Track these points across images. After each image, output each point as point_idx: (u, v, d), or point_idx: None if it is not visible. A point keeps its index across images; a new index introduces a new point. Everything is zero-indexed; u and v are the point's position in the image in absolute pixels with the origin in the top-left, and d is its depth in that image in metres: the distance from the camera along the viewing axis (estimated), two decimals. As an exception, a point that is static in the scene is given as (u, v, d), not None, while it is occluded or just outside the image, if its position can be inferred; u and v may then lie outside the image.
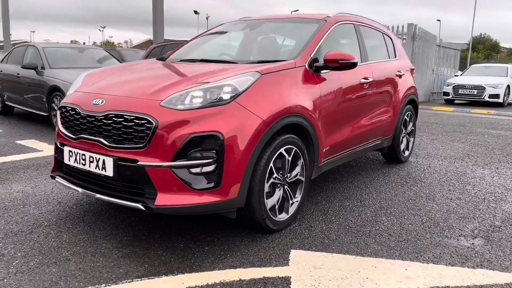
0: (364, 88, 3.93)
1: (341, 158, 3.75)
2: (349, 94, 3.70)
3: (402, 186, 4.14)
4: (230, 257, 2.59)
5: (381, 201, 3.67)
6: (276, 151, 2.82)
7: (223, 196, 2.55)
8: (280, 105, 2.82)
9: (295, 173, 3.08)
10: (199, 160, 2.49)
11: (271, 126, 2.72)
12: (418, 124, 8.73)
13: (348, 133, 3.74)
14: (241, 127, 2.57)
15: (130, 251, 2.62)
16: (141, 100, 2.64)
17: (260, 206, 2.75)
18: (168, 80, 2.82)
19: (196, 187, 2.51)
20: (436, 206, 3.60)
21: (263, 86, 2.81)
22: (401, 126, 4.85)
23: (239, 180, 2.58)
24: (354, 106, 3.80)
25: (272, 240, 2.84)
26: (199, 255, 2.60)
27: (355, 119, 3.86)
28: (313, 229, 3.04)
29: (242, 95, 2.66)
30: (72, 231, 2.89)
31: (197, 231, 2.95)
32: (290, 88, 3.01)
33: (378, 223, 3.18)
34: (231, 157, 2.53)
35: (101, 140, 2.66)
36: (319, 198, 3.70)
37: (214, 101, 2.58)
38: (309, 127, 3.10)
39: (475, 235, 3.00)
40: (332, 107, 3.44)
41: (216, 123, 2.52)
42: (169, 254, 2.59)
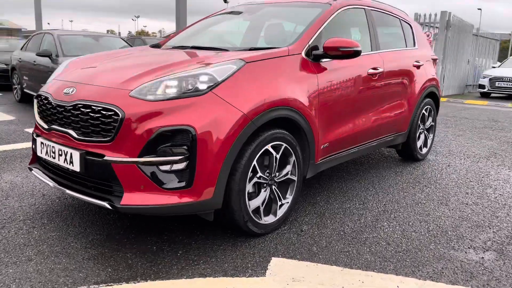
0: (373, 79, 3.58)
1: (343, 156, 3.44)
2: (354, 86, 3.37)
3: (413, 187, 3.78)
4: (203, 263, 2.35)
5: (387, 204, 3.35)
6: (260, 148, 2.55)
7: (196, 197, 2.31)
8: (265, 97, 2.54)
9: (285, 172, 2.80)
10: (168, 157, 2.26)
11: (254, 120, 2.45)
12: (445, 119, 8.21)
13: (352, 129, 3.41)
14: (218, 121, 2.32)
15: (98, 253, 2.43)
16: (111, 89, 2.42)
17: (240, 208, 2.50)
18: (145, 68, 2.59)
19: (166, 186, 2.28)
20: (448, 211, 3.24)
21: (248, 76, 2.54)
22: (417, 121, 4.46)
23: (214, 179, 2.33)
24: (360, 99, 3.46)
25: (255, 245, 2.59)
26: (170, 259, 2.38)
27: (362, 114, 3.52)
28: (303, 233, 2.76)
29: (221, 85, 2.40)
30: (45, 228, 2.74)
31: (177, 231, 2.73)
32: (280, 78, 2.72)
33: (377, 229, 2.86)
34: (205, 154, 2.28)
35: (70, 132, 2.47)
36: (318, 199, 3.41)
37: (189, 92, 2.34)
38: (302, 121, 2.81)
39: (487, 248, 2.65)
40: (332, 100, 3.13)
41: (188, 116, 2.28)
42: (138, 257, 2.39)
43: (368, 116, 3.59)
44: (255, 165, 2.54)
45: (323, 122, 3.05)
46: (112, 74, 2.63)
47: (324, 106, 3.03)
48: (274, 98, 2.59)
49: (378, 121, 3.75)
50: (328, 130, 3.14)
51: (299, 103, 2.77)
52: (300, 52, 2.94)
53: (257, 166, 2.57)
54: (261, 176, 2.62)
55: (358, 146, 3.59)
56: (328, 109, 3.09)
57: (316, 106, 2.95)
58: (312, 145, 2.96)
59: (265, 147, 2.58)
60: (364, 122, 3.55)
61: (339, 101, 3.22)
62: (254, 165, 2.54)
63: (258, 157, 2.58)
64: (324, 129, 3.08)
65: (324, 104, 3.03)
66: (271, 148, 2.63)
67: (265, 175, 2.65)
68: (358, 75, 3.42)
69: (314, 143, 2.97)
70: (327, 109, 3.08)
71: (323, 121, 3.05)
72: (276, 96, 2.61)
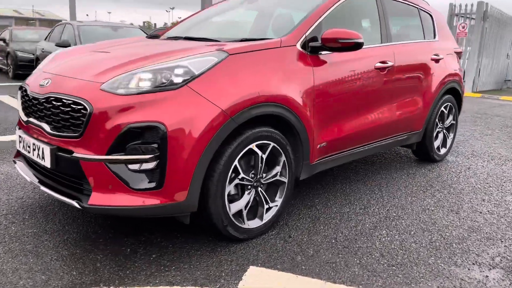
0: (381, 73, 3.31)
1: (345, 157, 3.20)
2: (358, 81, 3.11)
3: (424, 191, 3.49)
4: (174, 269, 2.20)
5: (390, 209, 3.09)
6: (243, 147, 2.36)
7: (167, 199, 2.15)
8: (249, 92, 2.34)
9: (274, 173, 2.60)
10: (137, 155, 2.11)
11: (234, 117, 2.26)
12: (474, 116, 7.73)
13: (355, 128, 3.16)
14: (192, 118, 2.15)
15: (69, 253, 2.32)
16: (84, 82, 2.29)
17: (218, 212, 2.32)
18: (124, 60, 2.44)
19: (135, 186, 2.14)
20: (458, 220, 2.95)
21: (230, 69, 2.35)
22: (435, 119, 4.13)
23: (187, 180, 2.16)
24: (364, 96, 3.20)
25: (235, 251, 2.41)
26: (141, 264, 2.24)
27: (367, 111, 3.26)
28: (291, 240, 2.56)
29: (198, 79, 2.22)
30: (24, 223, 2.66)
31: (157, 232, 2.59)
32: (268, 72, 2.51)
33: (373, 238, 2.63)
34: (177, 153, 2.12)
35: (43, 126, 2.36)
36: (316, 201, 3.19)
37: (163, 86, 2.17)
38: (294, 119, 2.60)
39: (494, 265, 2.37)
40: (331, 96, 2.89)
41: (158, 112, 2.11)
42: (108, 260, 2.26)
43: (375, 113, 3.32)
44: (236, 165, 2.36)
45: (320, 119, 2.82)
46: (90, 65, 2.50)
47: (321, 103, 2.80)
48: (260, 93, 2.39)
49: (387, 119, 3.47)
50: (326, 128, 2.91)
51: (289, 100, 2.55)
52: (294, 43, 2.72)
53: (239, 166, 2.38)
54: (244, 178, 2.43)
55: (363, 146, 3.34)
56: (326, 106, 2.86)
57: (311, 102, 2.73)
58: (306, 145, 2.74)
59: (248, 146, 2.39)
60: (370, 120, 3.29)
61: (340, 97, 2.97)
62: (236, 165, 2.36)
63: (241, 157, 2.40)
64: (321, 127, 2.85)
65: (321, 101, 2.80)
66: (256, 147, 2.44)
67: (249, 177, 2.46)
68: (363, 69, 3.16)
69: (309, 142, 2.75)
70: (324, 105, 2.84)
71: (320, 119, 2.82)
72: (262, 92, 2.41)
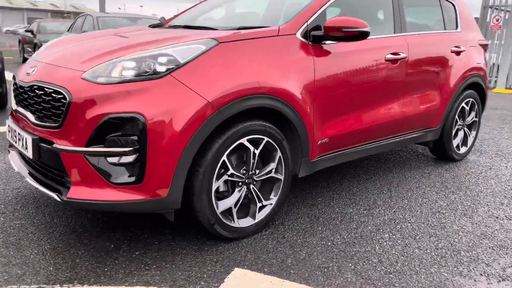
0: (393, 66, 3.09)
1: (350, 154, 3.01)
2: (366, 73, 2.91)
3: (437, 193, 3.26)
4: (155, 269, 2.09)
5: (397, 211, 2.89)
6: (232, 141, 2.22)
7: (148, 195, 2.04)
8: (239, 83, 2.20)
9: (268, 170, 2.45)
10: (116, 148, 2.00)
11: (221, 110, 2.12)
12: (504, 114, 7.30)
13: (362, 124, 2.96)
14: (174, 110, 2.02)
15: (50, 247, 2.25)
16: (68, 70, 2.20)
17: (205, 209, 2.20)
18: (113, 48, 2.34)
19: (114, 180, 2.04)
20: (470, 225, 2.72)
21: (220, 58, 2.21)
22: (454, 116, 3.87)
23: (169, 176, 2.05)
24: (373, 89, 2.99)
25: (223, 251, 2.29)
26: (122, 261, 2.15)
27: (375, 106, 3.05)
28: (284, 241, 2.41)
29: (183, 68, 2.09)
30: (14, 215, 2.61)
31: (146, 228, 2.50)
32: (262, 62, 2.35)
33: (374, 242, 2.44)
34: (157, 147, 2.00)
35: (28, 115, 2.30)
36: (319, 200, 3.02)
37: (146, 75, 2.06)
38: (291, 113, 2.44)
39: (504, 276, 2.15)
40: (334, 89, 2.71)
41: (139, 103, 2.00)
42: (89, 256, 2.18)
43: (384, 109, 3.11)
44: (225, 161, 2.22)
45: (321, 114, 2.65)
46: (79, 54, 2.40)
47: (322, 96, 2.63)
48: (251, 85, 2.24)
49: (399, 115, 3.25)
50: (328, 123, 2.73)
51: (286, 92, 2.39)
52: (294, 32, 2.55)
53: (228, 162, 2.24)
54: (234, 174, 2.29)
55: (371, 143, 3.13)
56: (328, 100, 2.68)
57: (311, 95, 2.56)
58: (305, 140, 2.58)
59: (239, 141, 2.25)
60: (379, 116, 3.08)
61: (344, 91, 2.78)
62: (224, 161, 2.22)
63: (231, 152, 2.27)
64: (322, 122, 2.68)
65: (322, 94, 2.62)
66: (247, 142, 2.30)
67: (240, 173, 2.33)
68: (372, 61, 2.95)
69: (308, 137, 2.59)
70: (326, 99, 2.67)
71: (321, 113, 2.65)
72: (254, 83, 2.26)
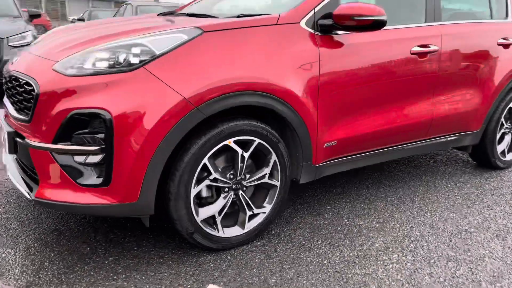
0: (421, 60, 2.69)
1: (364, 159, 2.67)
2: (385, 68, 2.55)
3: (469, 206, 2.84)
4: (122, 279, 1.93)
5: (415, 226, 2.52)
6: (215, 143, 1.99)
7: (115, 199, 1.87)
8: (223, 78, 1.96)
9: (260, 175, 2.20)
10: (83, 146, 1.84)
11: (200, 107, 1.89)
12: None
13: (379, 125, 2.61)
14: (145, 106, 1.82)
15: (25, 247, 2.15)
16: (43, 60, 2.06)
17: (182, 216, 1.99)
18: (94, 36, 2.17)
19: (81, 181, 1.88)
20: (500, 250, 2.31)
21: (203, 49, 1.97)
22: (500, 117, 3.38)
23: (139, 178, 1.86)
24: (394, 86, 2.62)
25: (202, 263, 2.07)
26: (91, 267, 2.00)
27: (397, 106, 2.68)
28: (275, 255, 2.16)
29: (158, 60, 1.88)
30: (4, 208, 2.55)
31: (129, 230, 2.34)
32: (255, 54, 2.09)
33: (378, 263, 2.13)
34: (125, 146, 1.81)
35: (8, 107, 2.20)
36: (328, 208, 2.72)
37: (119, 66, 1.87)
38: (288, 112, 2.16)
39: (531, 320, 1.77)
40: (346, 86, 2.39)
41: (106, 98, 1.81)
42: (60, 259, 2.05)
43: (408, 109, 2.73)
44: (206, 164, 2.00)
45: (327, 113, 2.34)
46: (62, 44, 2.25)
47: (329, 93, 2.32)
48: (239, 79, 1.99)
49: (427, 116, 2.85)
50: (337, 124, 2.42)
51: (282, 89, 2.11)
52: (297, 21, 2.25)
53: (211, 165, 2.02)
54: (218, 179, 2.06)
55: (390, 147, 2.77)
56: (336, 97, 2.37)
57: (315, 92, 2.26)
58: (307, 143, 2.29)
59: (223, 142, 2.02)
60: (401, 117, 2.71)
61: (358, 88, 2.45)
62: (205, 164, 2.00)
63: (216, 154, 2.04)
64: (329, 122, 2.37)
65: (329, 91, 2.32)
66: (234, 144, 2.05)
67: (226, 178, 2.09)
68: (394, 54, 2.58)
69: (310, 140, 2.30)
70: (334, 97, 2.36)
71: (328, 113, 2.35)
72: (242, 78, 2.00)
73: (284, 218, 2.55)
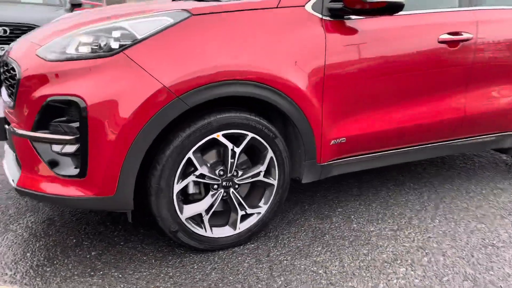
0: (451, 50, 2.38)
1: (380, 159, 2.40)
2: (406, 58, 2.27)
3: (503, 217, 2.49)
4: (98, 276, 1.84)
5: (433, 237, 2.24)
6: (202, 136, 1.85)
7: (91, 192, 1.77)
8: (211, 65, 1.79)
9: (254, 172, 2.03)
10: (59, 135, 1.76)
11: (182, 97, 1.75)
12: None
13: (397, 122, 2.33)
14: (121, 94, 1.70)
15: (10, 243, 2.09)
16: (32, 45, 1.99)
17: (164, 214, 1.87)
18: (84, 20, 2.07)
19: (59, 172, 1.80)
20: (531, 270, 1.99)
21: (190, 34, 1.82)
22: (549, 117, 2.97)
23: (116, 171, 1.75)
24: (417, 78, 2.33)
25: (186, 264, 1.94)
26: (70, 261, 1.93)
27: (419, 100, 2.38)
28: (266, 260, 1.98)
29: (139, 44, 1.75)
30: (7, 194, 2.56)
31: (122, 224, 2.25)
32: (250, 40, 1.91)
33: (381, 277, 1.89)
34: (100, 136, 1.71)
35: (2, 92, 2.16)
36: (338, 211, 2.49)
37: (101, 51, 1.76)
38: (287, 105, 1.97)
39: None
40: (356, 77, 2.15)
41: (81, 84, 1.71)
42: (42, 251, 2.00)
43: (433, 105, 2.42)
44: (191, 158, 1.85)
45: (334, 107, 2.12)
46: (55, 29, 2.18)
47: (336, 85, 2.09)
48: (228, 67, 1.82)
49: (457, 113, 2.53)
50: (346, 119, 2.19)
51: (279, 79, 1.92)
52: (302, 3, 2.04)
53: (196, 160, 1.87)
54: (205, 175, 1.91)
55: (411, 147, 2.49)
56: (345, 90, 2.14)
57: (320, 84, 2.04)
58: (309, 139, 2.09)
59: (211, 135, 1.86)
60: (424, 113, 2.41)
61: (371, 80, 2.20)
62: (190, 158, 1.85)
63: (203, 148, 1.90)
64: (337, 117, 2.15)
65: (336, 82, 2.09)
66: (223, 137, 1.89)
67: (214, 174, 1.94)
68: (418, 43, 2.30)
69: (313, 135, 2.09)
70: (343, 89, 2.13)
71: (336, 106, 2.12)
72: (231, 66, 1.83)
73: (286, 219, 2.37)
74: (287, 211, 2.46)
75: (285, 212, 2.45)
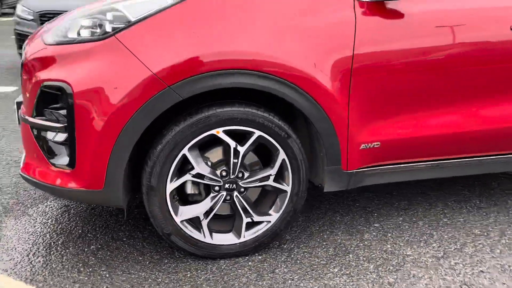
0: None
1: (423, 171, 1.98)
2: (465, 49, 1.84)
3: None
4: (85, 273, 1.75)
5: (486, 272, 1.79)
6: (200, 131, 1.65)
7: (80, 184, 1.67)
8: (211, 51, 1.58)
9: (263, 175, 1.78)
10: (51, 122, 1.68)
11: (174, 86, 1.56)
12: None
13: (449, 127, 1.90)
14: (109, 81, 1.57)
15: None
16: (44, 31, 1.96)
17: (156, 214, 1.71)
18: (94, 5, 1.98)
19: (53, 160, 1.73)
20: None
21: (189, 16, 1.63)
22: None
23: (102, 164, 1.63)
24: (478, 75, 1.88)
25: (179, 270, 1.78)
26: (66, 253, 1.88)
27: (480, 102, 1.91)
28: (268, 278, 1.74)
29: (133, 27, 1.60)
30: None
31: (131, 219, 2.16)
32: (259, 24, 1.66)
33: (400, 316, 1.54)
34: (86, 125, 1.60)
35: (25, 77, 2.17)
36: (374, 226, 2.14)
37: (96, 35, 1.65)
38: (302, 100, 1.68)
39: None
40: (396, 70, 1.79)
41: (70, 70, 1.62)
42: (44, 240, 1.96)
43: (497, 108, 1.95)
44: (186, 156, 1.66)
45: (365, 105, 1.78)
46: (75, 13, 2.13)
47: (368, 78, 1.76)
48: (231, 55, 1.60)
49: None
50: (381, 120, 1.83)
51: (291, 69, 1.64)
52: (328, -20, 1.73)
53: (192, 158, 1.68)
54: (202, 174, 1.71)
55: (470, 158, 2.02)
56: (382, 85, 1.78)
57: (346, 76, 1.72)
58: (332, 140, 1.77)
59: (209, 131, 1.65)
60: (485, 118, 1.94)
61: (417, 74, 1.81)
62: (185, 155, 1.66)
63: (202, 145, 1.70)
64: (368, 117, 1.81)
65: (368, 75, 1.75)
66: (224, 134, 1.67)
67: (215, 174, 1.73)
68: (482, 30, 1.85)
69: (336, 137, 1.77)
70: (377, 83, 1.78)
71: (366, 104, 1.78)
72: (234, 54, 1.60)
73: (309, 231, 2.08)
74: (314, 220, 2.17)
75: (311, 222, 2.16)
